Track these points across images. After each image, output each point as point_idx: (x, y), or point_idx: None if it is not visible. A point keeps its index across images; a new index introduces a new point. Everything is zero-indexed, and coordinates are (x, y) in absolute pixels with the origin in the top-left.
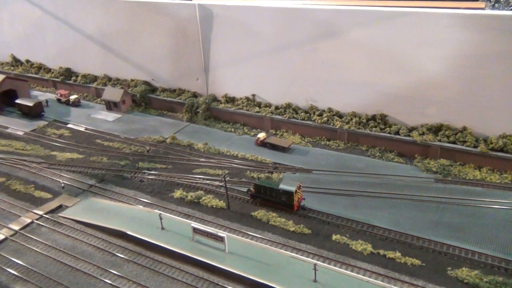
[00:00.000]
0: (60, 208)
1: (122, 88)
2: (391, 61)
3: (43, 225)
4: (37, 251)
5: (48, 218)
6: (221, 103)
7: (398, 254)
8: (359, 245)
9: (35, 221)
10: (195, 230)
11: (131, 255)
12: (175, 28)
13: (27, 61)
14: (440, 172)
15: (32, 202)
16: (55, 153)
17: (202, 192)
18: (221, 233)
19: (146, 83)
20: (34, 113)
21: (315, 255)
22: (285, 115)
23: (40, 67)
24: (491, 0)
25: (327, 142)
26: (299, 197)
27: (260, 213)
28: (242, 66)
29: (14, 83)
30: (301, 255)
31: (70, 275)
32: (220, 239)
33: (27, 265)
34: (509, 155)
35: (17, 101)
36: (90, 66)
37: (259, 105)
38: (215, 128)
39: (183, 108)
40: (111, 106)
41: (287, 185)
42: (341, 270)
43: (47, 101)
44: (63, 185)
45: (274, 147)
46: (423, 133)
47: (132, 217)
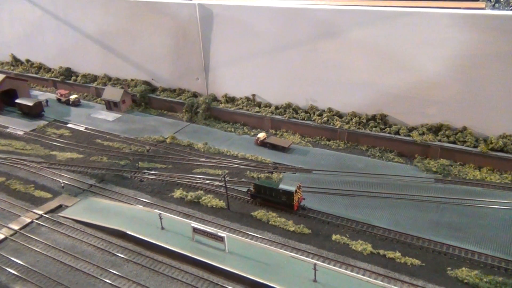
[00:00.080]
0: (60, 207)
1: (122, 88)
2: (391, 61)
3: (43, 225)
4: (37, 250)
5: (48, 218)
6: (221, 103)
7: (398, 254)
8: (359, 245)
9: (35, 220)
10: (195, 230)
11: (131, 255)
12: (175, 28)
13: (27, 60)
14: (440, 172)
15: (32, 201)
16: (55, 152)
17: (202, 192)
18: (221, 233)
19: (146, 83)
20: (34, 112)
21: (315, 255)
22: (285, 115)
23: (40, 67)
24: (491, 0)
25: (327, 142)
26: (299, 197)
27: (260, 213)
28: (242, 66)
29: (14, 83)
30: (301, 255)
31: (70, 274)
32: (220, 239)
33: (27, 265)
34: (509, 155)
35: (17, 100)
36: (90, 66)
37: (259, 105)
38: (215, 128)
39: (183, 108)
40: (111, 106)
41: (287, 185)
42: (341, 270)
43: (47, 101)
44: (63, 184)
45: (274, 147)
46: (423, 133)
47: (132, 217)
